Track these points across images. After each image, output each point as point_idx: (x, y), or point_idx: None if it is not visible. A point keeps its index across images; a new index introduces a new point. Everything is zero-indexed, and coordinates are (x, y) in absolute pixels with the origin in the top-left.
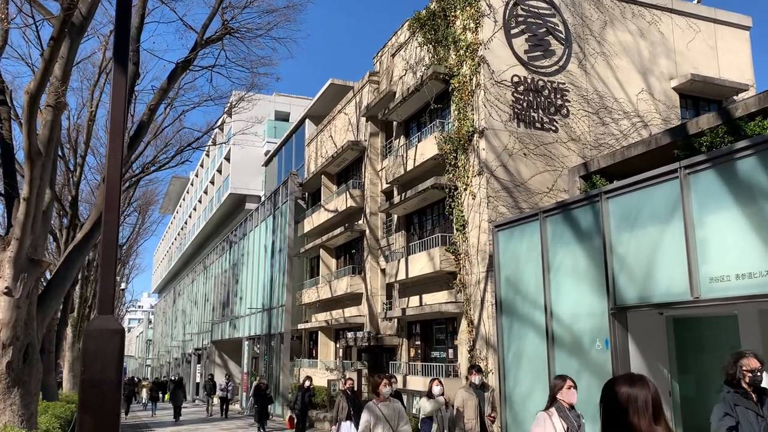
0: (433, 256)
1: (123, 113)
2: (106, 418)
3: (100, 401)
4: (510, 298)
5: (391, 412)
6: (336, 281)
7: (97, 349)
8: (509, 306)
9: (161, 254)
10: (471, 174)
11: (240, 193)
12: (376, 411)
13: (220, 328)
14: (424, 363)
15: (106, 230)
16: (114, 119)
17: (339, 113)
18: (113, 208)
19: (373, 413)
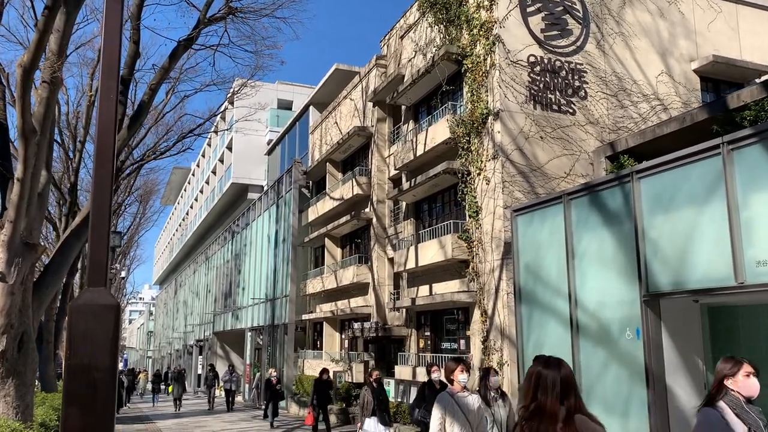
0: (444, 244)
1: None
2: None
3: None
4: (530, 286)
5: (471, 406)
6: (342, 271)
7: (86, 329)
8: (529, 294)
9: (162, 245)
10: (485, 158)
11: (242, 182)
12: (453, 405)
13: (222, 319)
14: (434, 354)
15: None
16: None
17: (344, 99)
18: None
19: (449, 408)
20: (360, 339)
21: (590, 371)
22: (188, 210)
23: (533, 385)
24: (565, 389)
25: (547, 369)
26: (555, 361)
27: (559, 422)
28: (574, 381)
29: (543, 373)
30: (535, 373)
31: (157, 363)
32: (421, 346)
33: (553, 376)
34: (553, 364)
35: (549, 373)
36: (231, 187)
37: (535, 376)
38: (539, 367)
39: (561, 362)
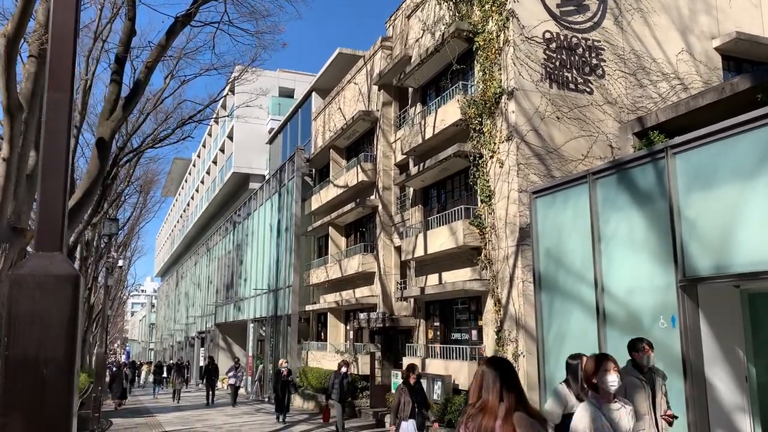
0: (455, 231)
1: None
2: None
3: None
4: (551, 272)
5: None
6: (347, 260)
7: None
8: (550, 281)
9: (164, 237)
10: (498, 140)
11: (243, 172)
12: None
13: (224, 310)
14: (444, 345)
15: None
16: None
17: (348, 83)
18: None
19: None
20: (366, 330)
21: (619, 364)
22: (189, 201)
23: (478, 383)
24: (506, 388)
25: (491, 368)
26: (498, 361)
27: (498, 419)
28: (516, 380)
29: (486, 373)
30: (480, 372)
31: (159, 355)
32: (430, 337)
33: (495, 375)
34: (496, 364)
35: (492, 372)
36: (232, 177)
37: (479, 375)
38: (484, 366)
39: (505, 363)
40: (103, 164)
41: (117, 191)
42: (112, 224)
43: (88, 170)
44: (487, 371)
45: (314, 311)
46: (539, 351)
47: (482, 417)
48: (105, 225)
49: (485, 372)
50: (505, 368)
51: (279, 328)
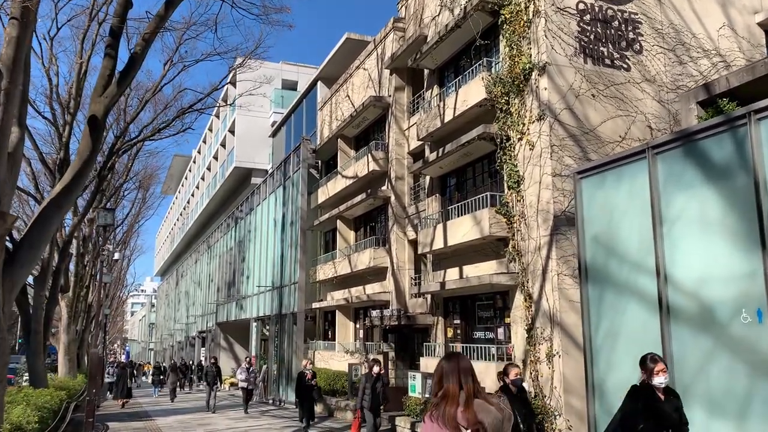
0: (480, 220)
1: None
2: None
3: None
4: (599, 261)
5: None
6: (356, 255)
7: None
8: (599, 272)
9: (163, 236)
10: (528, 120)
11: (245, 166)
12: None
13: (226, 309)
14: (466, 344)
15: None
16: None
17: (357, 69)
18: None
19: None
20: (378, 328)
21: (688, 365)
22: (189, 198)
23: (439, 376)
24: (464, 377)
25: (448, 362)
26: (454, 355)
27: (460, 405)
28: (471, 370)
29: (445, 366)
30: (439, 366)
31: (159, 355)
32: (449, 336)
33: (452, 367)
34: (452, 358)
35: (449, 365)
36: (234, 172)
37: (439, 369)
38: (443, 361)
39: (459, 355)
40: (95, 144)
41: (115, 185)
42: (108, 214)
43: (79, 151)
44: (446, 364)
45: (321, 309)
46: (587, 351)
47: (445, 404)
48: (100, 215)
49: (444, 365)
50: (461, 361)
51: (284, 327)
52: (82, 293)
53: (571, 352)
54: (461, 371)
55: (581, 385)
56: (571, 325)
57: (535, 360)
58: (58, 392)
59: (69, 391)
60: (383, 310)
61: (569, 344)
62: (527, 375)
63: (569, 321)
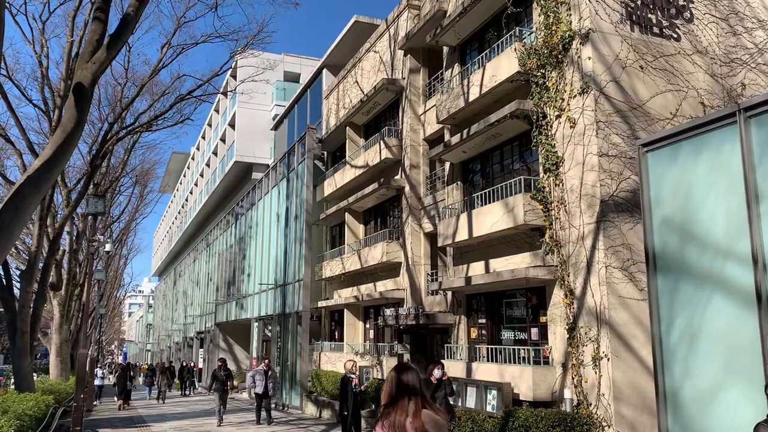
0: (512, 207)
1: None
2: None
3: None
4: (672, 248)
5: None
6: (367, 249)
7: None
8: (671, 261)
9: (161, 235)
10: (569, 95)
11: (246, 161)
12: None
13: (226, 308)
14: (493, 346)
15: None
16: None
17: (367, 53)
18: None
19: None
20: (391, 328)
21: None
22: (188, 196)
23: (391, 387)
24: (414, 390)
25: (400, 374)
26: (405, 367)
27: (409, 416)
28: (421, 383)
29: (397, 377)
30: (392, 377)
31: (157, 356)
32: (473, 336)
33: (405, 379)
34: (404, 370)
35: (402, 377)
36: (234, 167)
37: (392, 379)
38: (394, 372)
39: (410, 367)
40: (81, 116)
41: (111, 180)
42: (98, 201)
43: (62, 122)
44: (395, 376)
45: (327, 308)
46: (657, 354)
47: (395, 414)
48: (89, 202)
49: (395, 376)
50: (411, 373)
51: (287, 327)
52: (75, 292)
53: (622, 354)
54: (410, 383)
55: (634, 393)
56: (621, 324)
57: (578, 364)
58: (45, 397)
59: (58, 394)
60: (398, 308)
61: (619, 346)
62: (568, 380)
63: (619, 319)
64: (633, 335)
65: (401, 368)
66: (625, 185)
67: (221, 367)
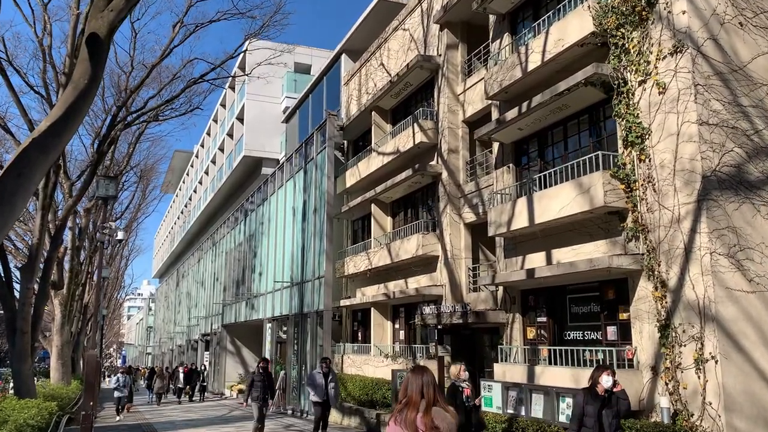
0: (588, 187)
1: None
2: None
3: None
4: None
5: None
6: (399, 242)
7: None
8: None
9: (162, 236)
10: (657, 56)
11: (255, 155)
12: None
13: (234, 309)
14: (555, 347)
15: None
16: None
17: (395, 32)
18: None
19: None
20: (428, 328)
21: None
22: (191, 195)
23: (404, 386)
24: (425, 388)
25: (413, 374)
26: (419, 368)
27: (420, 412)
28: (433, 382)
29: (410, 378)
30: (405, 378)
31: (158, 359)
32: (529, 337)
33: (416, 379)
34: (417, 371)
35: (414, 378)
36: (242, 162)
37: (405, 380)
38: (409, 374)
39: (424, 369)
40: (96, 70)
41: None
42: (110, 184)
43: (73, 79)
44: (411, 376)
45: (349, 307)
46: None
47: (407, 411)
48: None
49: (409, 377)
50: (424, 373)
51: (305, 328)
52: (77, 291)
53: (733, 356)
54: (424, 383)
55: (749, 401)
56: (730, 321)
57: (674, 367)
58: (48, 403)
59: (61, 400)
60: (439, 306)
61: (730, 346)
62: (659, 386)
63: (728, 315)
64: (743, 333)
65: (415, 369)
66: (728, 159)
67: (262, 369)
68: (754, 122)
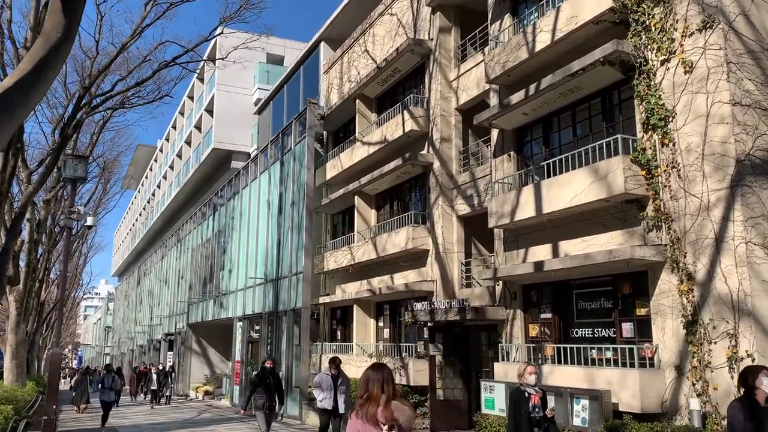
0: (606, 173)
1: None
2: None
3: None
4: None
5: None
6: (386, 236)
7: None
8: None
9: (123, 234)
10: (682, 33)
11: (225, 148)
12: None
13: (201, 308)
14: (561, 345)
15: None
16: None
17: (381, 16)
18: None
19: None
20: (416, 327)
21: None
22: (155, 190)
23: (365, 382)
24: (386, 384)
25: (373, 371)
26: (379, 365)
27: (380, 405)
28: (391, 378)
29: (370, 374)
30: (366, 374)
31: (117, 360)
32: (532, 334)
33: (376, 375)
34: (376, 368)
35: (374, 374)
36: (211, 155)
37: (366, 376)
38: (369, 370)
39: (383, 365)
40: (71, 22)
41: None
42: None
43: (44, 31)
44: (371, 373)
45: (327, 305)
46: None
47: (368, 405)
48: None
49: (369, 374)
50: (383, 369)
51: (281, 326)
52: (34, 288)
53: None
54: (384, 379)
55: None
56: (766, 316)
57: (703, 366)
58: (3, 407)
59: (17, 403)
60: (432, 302)
61: (766, 343)
62: (685, 387)
63: (764, 309)
64: None
65: (375, 366)
66: (761, 143)
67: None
68: None
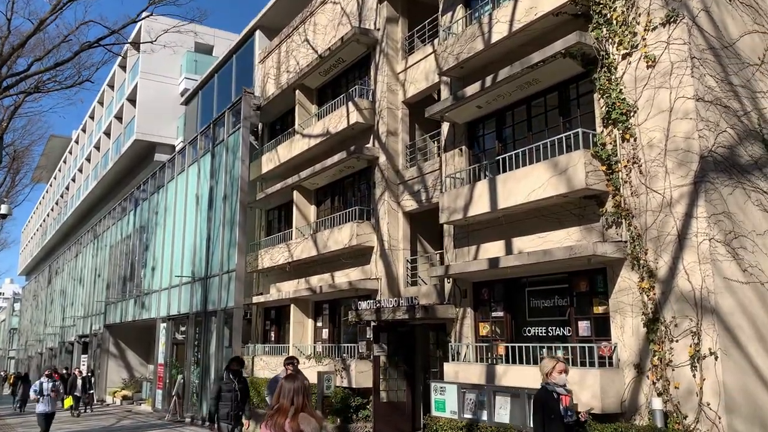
0: (567, 168)
1: None
2: None
3: None
4: None
5: None
6: (328, 233)
7: None
8: None
9: (32, 229)
10: (644, 27)
11: (148, 140)
12: None
13: (120, 308)
14: (514, 344)
15: None
16: None
17: (323, 5)
18: None
19: None
20: (357, 327)
21: None
22: (69, 184)
23: (278, 393)
24: (296, 395)
25: (287, 381)
26: (291, 376)
27: (288, 417)
28: (303, 389)
29: (284, 384)
30: (280, 385)
31: (23, 364)
32: (482, 333)
33: (288, 386)
34: (289, 379)
35: (287, 384)
36: (132, 147)
37: (280, 386)
38: (284, 381)
39: (296, 376)
40: None
41: None
42: None
43: None
44: (284, 383)
45: (261, 305)
46: None
47: (277, 416)
48: None
49: (283, 384)
50: (296, 380)
51: (210, 328)
52: None
53: (733, 352)
54: (295, 390)
55: (746, 401)
56: (728, 314)
57: (664, 364)
58: None
59: None
60: (379, 301)
61: (729, 341)
62: (645, 386)
63: (726, 307)
64: (740, 327)
65: (289, 377)
66: (722, 140)
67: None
68: (744, 103)
